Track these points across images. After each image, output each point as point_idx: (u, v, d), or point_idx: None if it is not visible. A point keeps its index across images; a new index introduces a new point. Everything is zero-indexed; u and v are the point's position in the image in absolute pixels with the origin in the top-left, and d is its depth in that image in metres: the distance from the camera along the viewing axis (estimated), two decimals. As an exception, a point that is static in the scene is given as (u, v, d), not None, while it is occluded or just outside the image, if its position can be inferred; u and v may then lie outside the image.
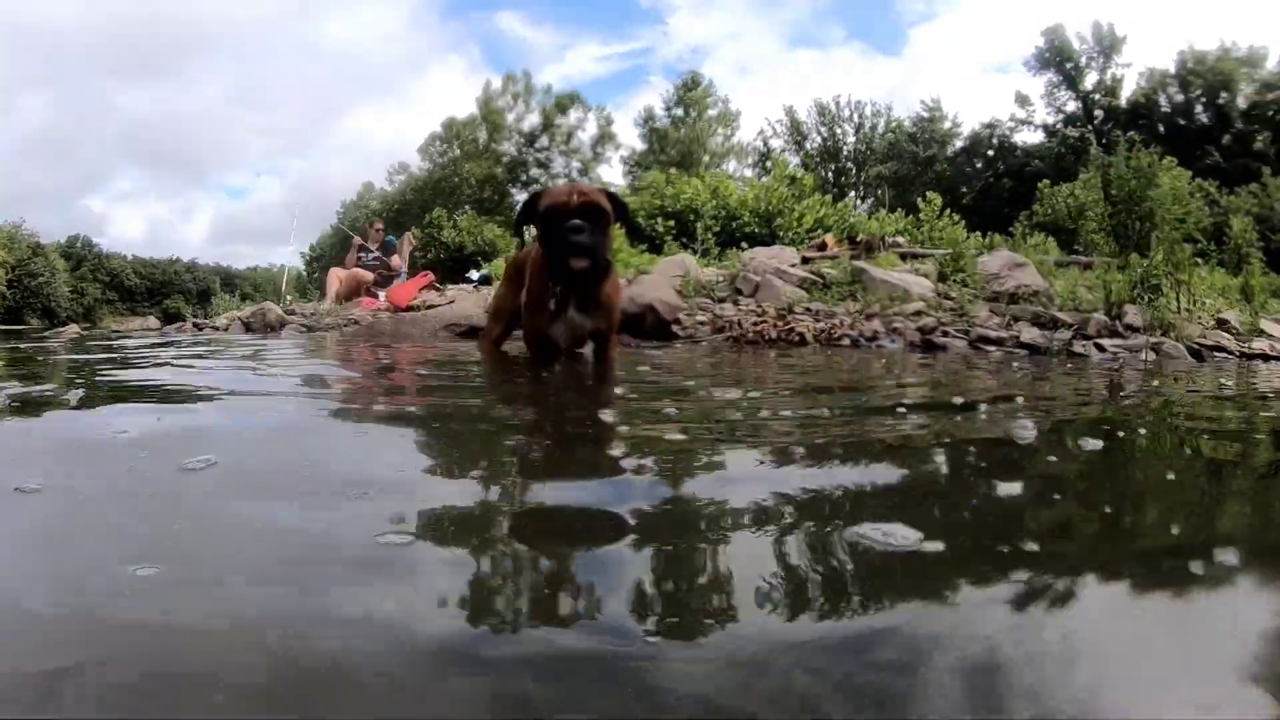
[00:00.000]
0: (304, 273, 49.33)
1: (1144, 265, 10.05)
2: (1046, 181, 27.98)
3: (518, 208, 4.14)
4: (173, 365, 4.06)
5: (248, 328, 10.14)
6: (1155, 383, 4.39)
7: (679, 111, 51.77)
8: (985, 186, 45.15)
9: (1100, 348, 7.35)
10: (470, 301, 8.74)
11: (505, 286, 4.91)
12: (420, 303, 10.34)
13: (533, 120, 53.97)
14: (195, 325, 11.97)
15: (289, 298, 17.04)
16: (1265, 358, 7.95)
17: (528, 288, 4.03)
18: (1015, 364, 5.45)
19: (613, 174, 53.74)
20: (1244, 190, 27.31)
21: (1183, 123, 39.77)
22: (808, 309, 8.11)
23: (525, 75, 54.35)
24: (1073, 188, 27.20)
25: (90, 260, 62.10)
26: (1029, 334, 7.58)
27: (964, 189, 43.96)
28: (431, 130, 55.19)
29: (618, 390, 3.26)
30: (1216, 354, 7.84)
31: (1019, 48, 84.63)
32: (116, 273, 63.06)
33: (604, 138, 53.68)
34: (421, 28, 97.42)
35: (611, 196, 3.80)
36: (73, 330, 11.39)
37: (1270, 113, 38.07)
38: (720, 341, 6.91)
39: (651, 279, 8.98)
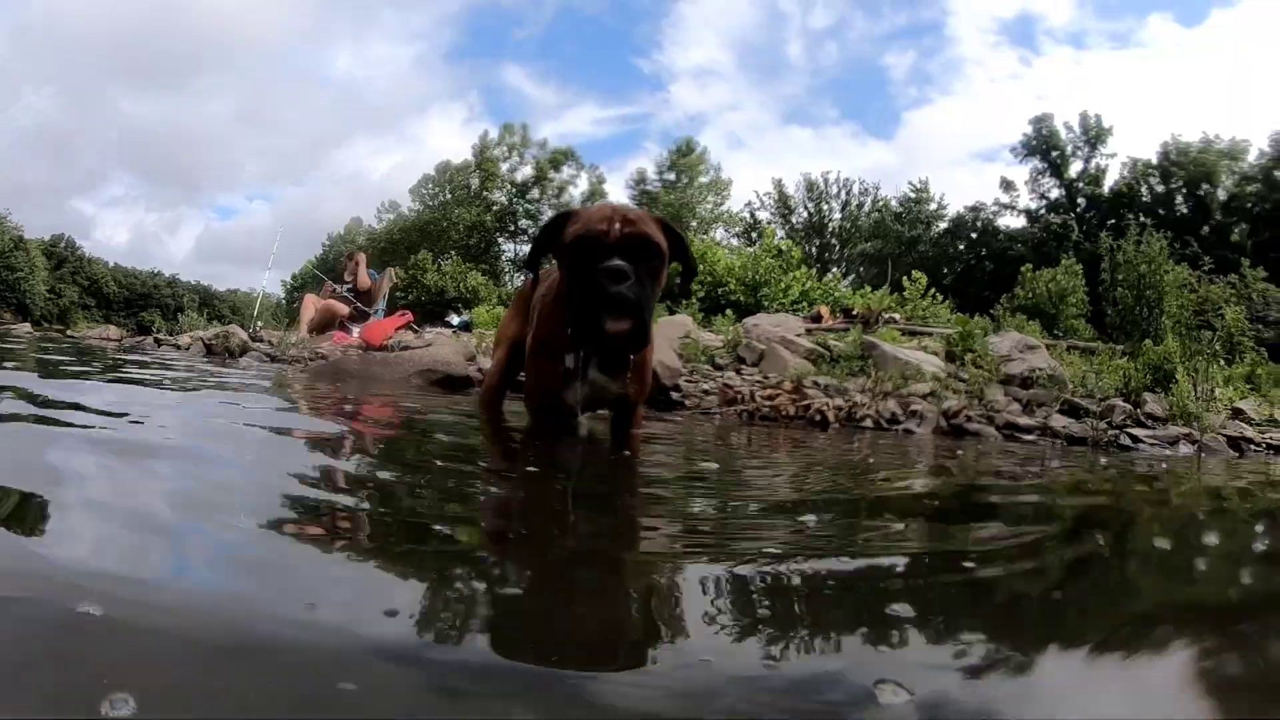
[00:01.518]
0: (283, 300, 48.31)
1: (1157, 352, 9.53)
2: (1029, 266, 27.75)
3: (533, 232, 3.28)
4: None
5: (209, 350, 9.74)
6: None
7: (671, 176, 51.68)
8: (966, 268, 45.14)
9: (1134, 439, 6.63)
10: (449, 348, 7.87)
11: (512, 320, 3.94)
12: (394, 343, 9.59)
13: (526, 172, 53.85)
14: (156, 341, 11.80)
15: (259, 324, 16.23)
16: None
17: (535, 330, 3.08)
18: (1081, 459, 4.68)
19: (601, 232, 53.48)
20: (1222, 280, 27.22)
21: (1163, 213, 39.88)
22: (815, 383, 7.32)
23: (523, 127, 54.37)
24: (1054, 273, 27.12)
25: (72, 262, 60.80)
26: (1058, 421, 6.85)
27: (945, 270, 43.78)
28: (425, 172, 54.93)
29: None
30: (1248, 446, 7.21)
31: (1005, 136, 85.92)
32: (96, 278, 61.80)
33: (595, 195, 53.33)
34: (427, 70, 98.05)
35: (667, 228, 2.82)
36: (24, 330, 10.83)
37: (1249, 205, 38.38)
38: (731, 415, 6.09)
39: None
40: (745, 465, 3.23)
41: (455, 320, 15.05)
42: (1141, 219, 38.97)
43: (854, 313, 13.39)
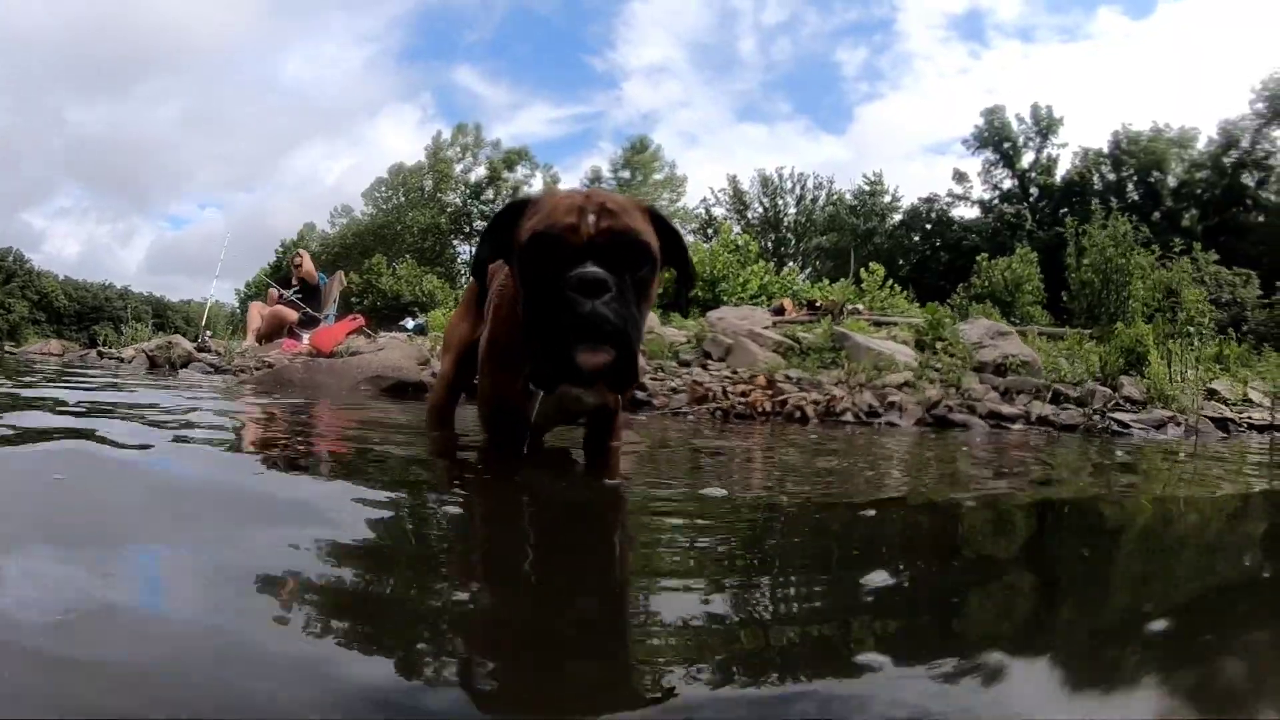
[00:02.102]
0: (237, 309, 47.22)
1: (1129, 335, 9.37)
2: (984, 255, 27.86)
3: (483, 227, 2.40)
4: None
5: (152, 362, 9.47)
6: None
7: (626, 173, 51.29)
8: (922, 259, 45.29)
9: (1122, 424, 6.35)
10: (400, 352, 7.40)
11: (461, 320, 3.15)
12: (344, 348, 9.08)
13: (480, 172, 53.12)
14: (99, 354, 11.54)
15: (209, 333, 15.58)
16: (1275, 428, 7.17)
17: (491, 330, 2.43)
18: (1098, 448, 4.35)
19: (558, 230, 53.11)
20: (1176, 264, 27.69)
21: (1115, 200, 40.23)
22: (787, 377, 6.93)
23: (476, 128, 53.63)
24: (1010, 261, 27.24)
25: (20, 276, 58.88)
26: (1040, 409, 6.55)
27: (901, 261, 43.86)
28: (378, 175, 53.95)
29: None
30: (1229, 426, 7.04)
31: (957, 129, 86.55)
32: (46, 292, 59.87)
33: (550, 194, 52.89)
34: (379, 72, 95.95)
35: (657, 219, 2.19)
36: None
37: (1199, 191, 38.98)
38: (703, 413, 5.66)
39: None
40: (757, 484, 2.72)
41: (410, 324, 14.54)
42: (1093, 206, 39.79)
43: (817, 305, 13.23)
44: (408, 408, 4.83)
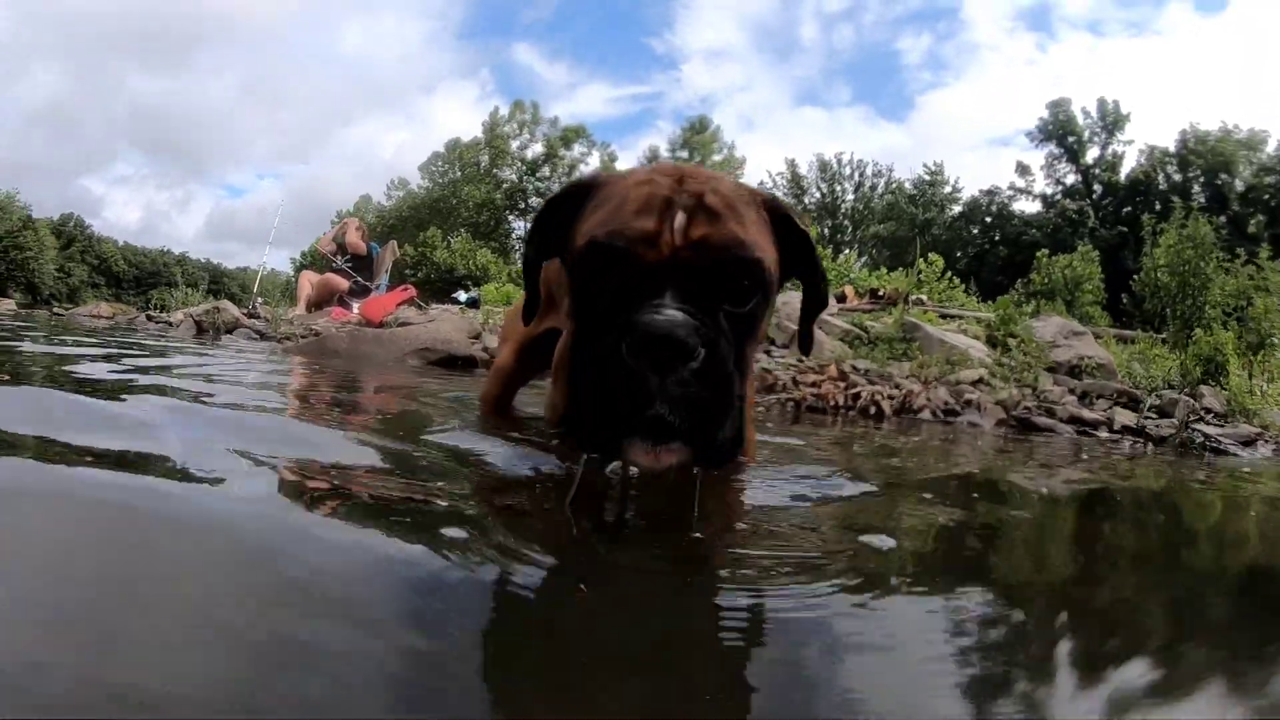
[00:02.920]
0: (291, 277, 47.78)
1: (1208, 342, 8.85)
2: (1044, 251, 26.92)
3: (531, 219, 1.74)
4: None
5: (199, 327, 9.49)
6: None
7: (684, 154, 50.80)
8: (980, 253, 44.37)
9: (1208, 437, 5.90)
10: (451, 325, 7.17)
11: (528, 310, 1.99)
12: (393, 319, 8.91)
13: (536, 150, 53.07)
14: (149, 318, 11.63)
15: (259, 300, 15.63)
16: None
17: (569, 337, 1.58)
18: (1226, 474, 3.96)
19: (613, 211, 53.09)
20: (1241, 270, 26.52)
21: (1179, 201, 39.15)
22: (855, 368, 6.57)
23: (534, 105, 53.57)
24: (1070, 259, 26.39)
25: (81, 241, 60.27)
26: (1124, 418, 6.12)
27: (959, 254, 42.99)
28: (434, 150, 54.14)
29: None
30: None
31: (1020, 122, 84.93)
32: (106, 257, 61.23)
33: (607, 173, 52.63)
34: (438, 47, 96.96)
35: (776, 213, 1.51)
36: (6, 307, 10.63)
37: (1266, 196, 37.59)
38: (772, 404, 5.34)
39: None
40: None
41: (463, 297, 14.42)
42: (1174, 204, 38.50)
43: (880, 293, 12.72)
44: (467, 384, 4.56)
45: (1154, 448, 5.20)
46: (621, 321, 1.16)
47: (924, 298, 13.28)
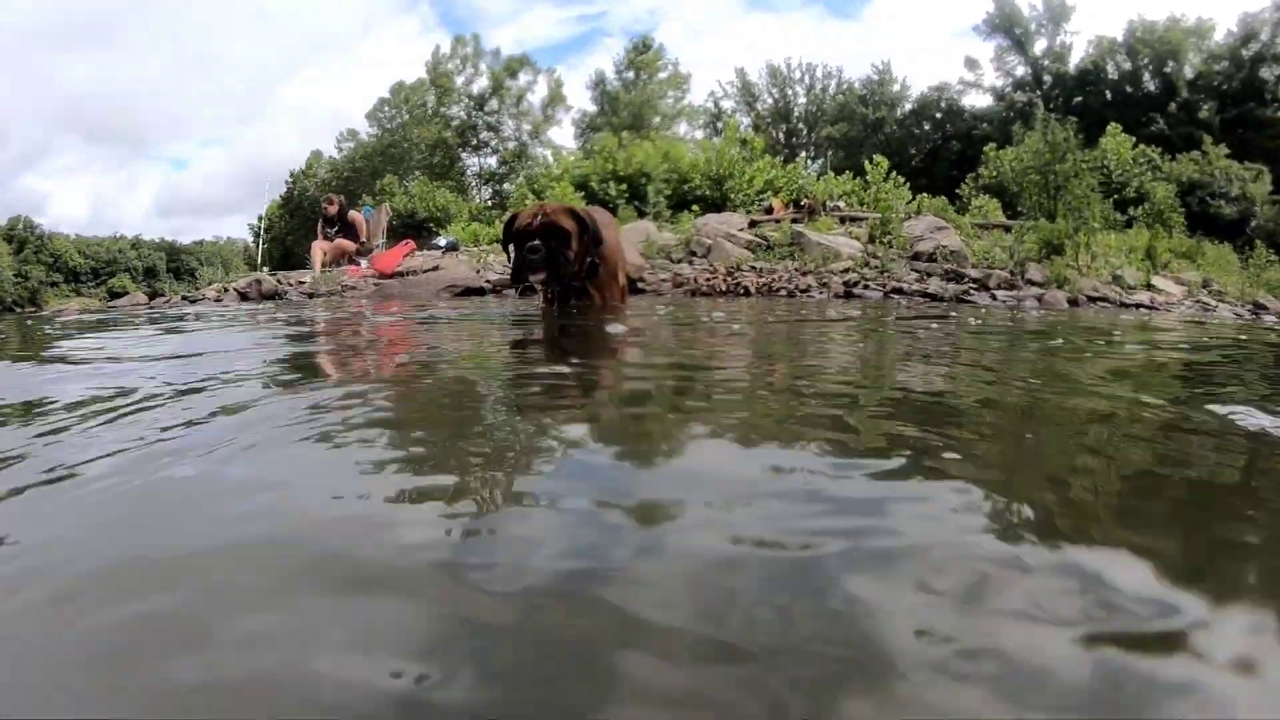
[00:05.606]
0: (253, 245, 49.54)
1: (1048, 228, 12.00)
2: (993, 145, 29.36)
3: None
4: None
5: (244, 297, 11.04)
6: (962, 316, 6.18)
7: (630, 75, 52.83)
8: (934, 149, 46.54)
9: (993, 297, 9.18)
10: (463, 268, 10.29)
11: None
12: (405, 269, 11.64)
13: (482, 83, 54.46)
14: (185, 298, 12.53)
15: (266, 269, 18.01)
16: (1140, 306, 9.87)
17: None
18: (902, 306, 7.27)
19: (564, 136, 54.85)
20: (1185, 157, 29.25)
21: (1130, 90, 41.63)
22: (753, 267, 9.86)
23: (475, 38, 54.69)
24: (1018, 152, 28.82)
25: (33, 242, 60.74)
26: (935, 286, 9.39)
27: (913, 151, 45.56)
28: (380, 95, 55.69)
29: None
30: (1097, 303, 9.70)
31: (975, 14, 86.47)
32: (60, 254, 61.74)
33: (554, 100, 54.50)
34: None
35: (577, 212, 4.65)
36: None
37: (1216, 83, 39.87)
38: (680, 294, 8.62)
39: (617, 243, 10.76)
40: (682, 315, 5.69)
41: (442, 243, 16.67)
42: (1107, 96, 41.42)
43: (802, 204, 15.45)
44: (491, 301, 7.80)
45: (925, 300, 8.51)
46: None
47: (841, 205, 16.16)
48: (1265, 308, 10.77)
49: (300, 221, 45.36)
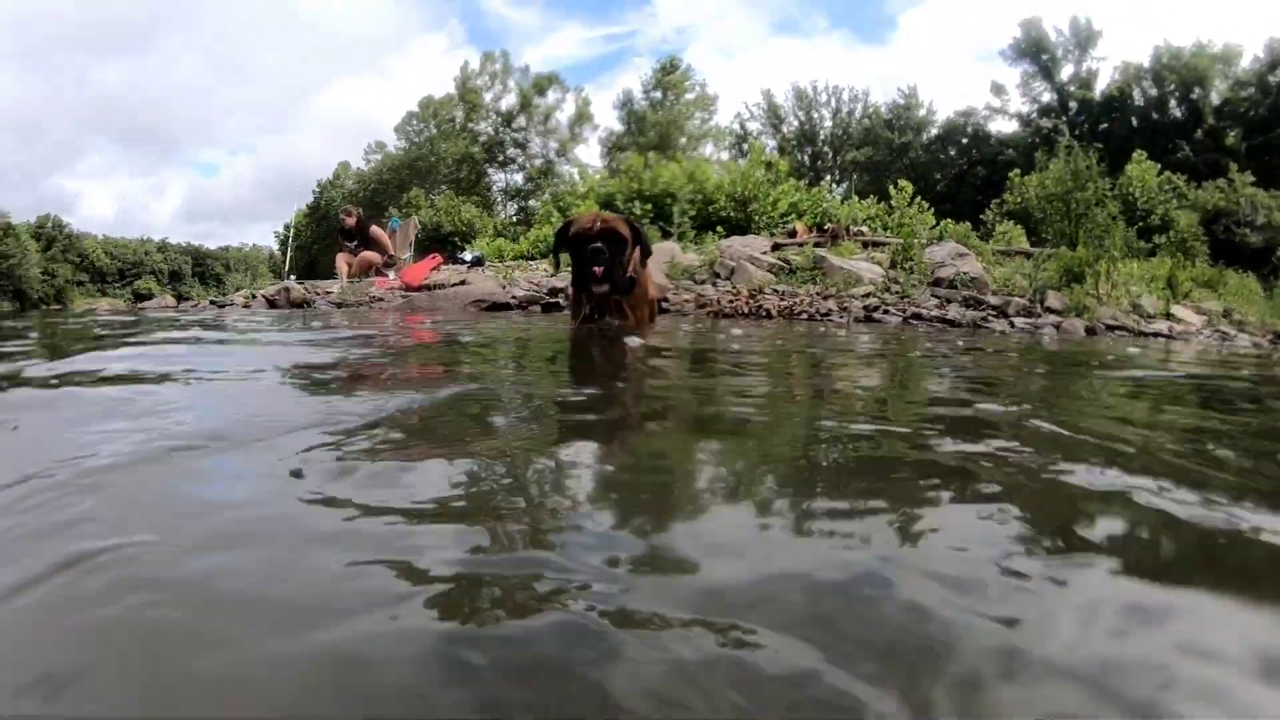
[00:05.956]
0: (279, 252, 50.05)
1: (1068, 256, 12.11)
2: (1017, 171, 29.36)
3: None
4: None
5: (272, 304, 11.33)
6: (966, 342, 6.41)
7: (657, 95, 53.31)
8: (959, 174, 46.85)
9: (1012, 324, 9.36)
10: (490, 283, 10.57)
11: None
12: (432, 282, 11.88)
13: (510, 100, 55.24)
14: (213, 303, 13.20)
15: (292, 277, 18.66)
16: (1157, 335, 9.97)
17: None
18: (921, 332, 7.50)
19: (590, 154, 55.47)
20: (1210, 184, 29.20)
21: (1156, 116, 41.69)
22: (775, 290, 10.11)
23: (504, 55, 55.56)
24: (1042, 178, 28.89)
25: (61, 241, 61.38)
26: (954, 312, 9.60)
27: (938, 176, 45.75)
28: (408, 109, 56.49)
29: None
30: (1115, 332, 9.81)
31: (1004, 38, 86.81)
32: (87, 253, 62.40)
33: (581, 118, 55.16)
34: (404, 2, 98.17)
35: (631, 221, 4.89)
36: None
37: (1242, 109, 39.94)
38: (703, 315, 8.88)
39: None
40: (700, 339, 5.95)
41: (468, 257, 16.86)
42: (1133, 123, 41.43)
43: (825, 228, 15.65)
44: (518, 317, 8.08)
45: (942, 326, 8.72)
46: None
47: (864, 229, 16.39)
48: (1286, 337, 10.83)
49: (326, 231, 46.03)
